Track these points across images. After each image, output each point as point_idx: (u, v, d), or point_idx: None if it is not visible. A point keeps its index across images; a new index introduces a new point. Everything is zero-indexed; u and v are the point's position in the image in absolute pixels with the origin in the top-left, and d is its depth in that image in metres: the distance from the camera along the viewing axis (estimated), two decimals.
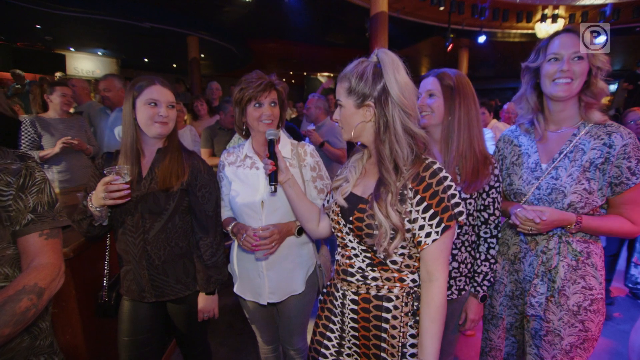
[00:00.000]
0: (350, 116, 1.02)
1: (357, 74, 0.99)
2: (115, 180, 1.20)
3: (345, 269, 1.08)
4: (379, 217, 0.95)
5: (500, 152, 1.43)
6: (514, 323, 1.37)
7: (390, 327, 1.02)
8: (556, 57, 1.18)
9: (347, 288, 1.08)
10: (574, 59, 1.15)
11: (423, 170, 0.96)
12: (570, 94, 1.18)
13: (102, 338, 1.66)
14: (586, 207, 1.17)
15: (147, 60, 13.91)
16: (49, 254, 0.90)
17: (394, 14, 7.81)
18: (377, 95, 0.97)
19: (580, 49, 1.15)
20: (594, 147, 1.16)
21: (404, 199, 0.96)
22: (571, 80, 1.16)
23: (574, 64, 1.15)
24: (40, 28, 9.54)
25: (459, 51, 11.58)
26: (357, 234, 1.02)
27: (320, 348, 1.17)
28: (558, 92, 1.18)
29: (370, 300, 1.03)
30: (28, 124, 2.69)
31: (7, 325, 0.77)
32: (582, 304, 1.18)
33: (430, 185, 0.95)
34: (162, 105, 1.33)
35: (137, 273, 1.36)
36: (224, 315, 2.80)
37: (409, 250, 1.01)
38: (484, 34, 9.59)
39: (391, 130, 0.97)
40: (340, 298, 1.11)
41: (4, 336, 0.78)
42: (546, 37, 1.25)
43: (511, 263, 1.34)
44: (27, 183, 0.90)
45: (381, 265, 1.02)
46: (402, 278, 1.02)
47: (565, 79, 1.17)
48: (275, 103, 1.42)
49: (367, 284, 1.04)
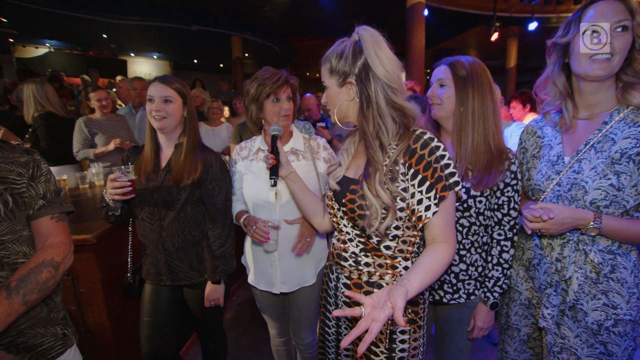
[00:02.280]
0: (335, 96, 1.02)
1: (336, 53, 0.99)
2: (118, 178, 1.30)
3: (340, 253, 1.10)
4: (369, 196, 0.94)
5: (522, 144, 1.28)
6: (531, 334, 1.24)
7: None
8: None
9: (341, 272, 1.10)
10: (617, 29, 0.95)
11: (414, 142, 0.94)
12: (610, 73, 0.99)
13: (126, 318, 1.81)
14: (612, 207, 0.99)
15: (196, 61, 14.79)
16: (60, 234, 1.02)
17: (434, 4, 7.43)
18: (357, 72, 0.96)
19: (623, 17, 0.94)
20: (628, 135, 0.98)
21: (395, 176, 0.94)
22: (611, 56, 0.96)
23: (615, 36, 0.95)
24: (106, 37, 10.65)
25: (508, 40, 10.73)
26: (350, 217, 1.02)
27: (325, 327, 1.22)
28: (595, 71, 0.99)
29: (362, 285, 1.04)
30: (82, 124, 2.99)
31: (33, 292, 0.91)
32: (604, 323, 1.02)
33: (423, 157, 0.92)
34: (156, 100, 1.41)
35: (154, 257, 1.48)
36: (247, 306, 2.90)
37: (403, 232, 0.99)
38: (535, 20, 8.73)
39: (374, 105, 0.95)
40: (334, 281, 1.14)
41: (31, 301, 0.91)
42: (579, 7, 1.05)
43: (526, 269, 1.21)
44: (35, 173, 1.01)
45: (374, 251, 1.01)
46: (394, 265, 1.01)
47: (604, 54, 0.97)
48: (290, 97, 1.45)
49: (359, 269, 1.05)
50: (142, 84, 3.61)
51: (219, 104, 4.23)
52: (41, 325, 1.01)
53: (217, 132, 4.01)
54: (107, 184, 1.32)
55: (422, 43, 6.23)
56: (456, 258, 1.23)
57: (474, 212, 1.19)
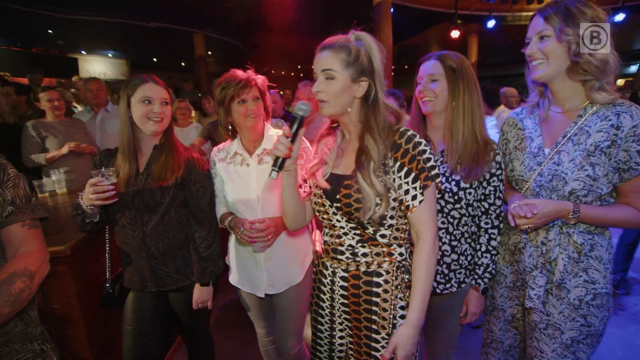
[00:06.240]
0: (344, 89, 1.01)
1: (355, 48, 1.00)
2: (100, 182, 1.23)
3: (335, 247, 1.12)
4: (364, 186, 0.98)
5: (504, 135, 1.34)
6: (515, 314, 1.32)
7: (381, 301, 1.06)
8: (527, 40, 1.14)
9: (337, 266, 1.12)
10: (541, 38, 1.09)
11: (399, 137, 1.01)
12: (551, 74, 1.10)
13: (106, 331, 1.70)
14: (590, 196, 1.08)
15: (155, 59, 14.11)
16: (33, 242, 0.95)
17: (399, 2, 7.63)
18: (369, 71, 1.01)
19: (541, 27, 1.08)
20: (600, 128, 1.05)
21: (387, 169, 1.01)
22: (544, 60, 1.10)
23: (541, 44, 1.09)
24: (52, 33, 9.79)
25: (468, 37, 11.23)
26: (345, 211, 1.04)
27: (316, 325, 1.23)
28: (534, 75, 1.13)
29: (360, 276, 1.08)
30: (30, 127, 2.74)
31: (6, 305, 0.84)
32: (584, 298, 1.11)
33: (408, 151, 1.00)
34: (156, 102, 1.35)
35: (138, 264, 1.41)
36: (230, 309, 2.83)
37: (397, 221, 1.05)
38: (493, 19, 9.24)
39: (380, 103, 1.03)
40: (330, 276, 1.15)
41: (4, 315, 0.85)
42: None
43: (511, 253, 1.28)
44: (2, 178, 0.94)
45: (371, 240, 1.05)
46: (390, 252, 1.06)
47: (537, 60, 1.11)
48: (257, 98, 1.43)
49: (356, 260, 1.08)
50: (98, 84, 3.35)
51: (186, 103, 4.07)
52: (17, 341, 0.94)
53: (185, 133, 3.86)
54: (86, 189, 1.23)
55: (389, 40, 6.32)
56: (448, 249, 1.27)
57: (464, 204, 1.24)
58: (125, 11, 8.79)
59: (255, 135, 1.47)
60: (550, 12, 1.07)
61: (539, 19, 1.10)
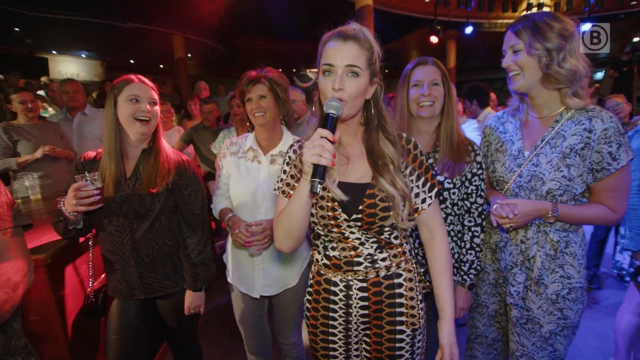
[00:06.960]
0: (363, 91, 0.93)
1: (375, 47, 0.94)
2: (84, 187, 1.18)
3: (350, 260, 1.03)
4: (390, 191, 0.94)
5: (486, 138, 1.41)
6: (497, 310, 1.37)
7: (407, 299, 1.05)
8: (503, 53, 1.21)
9: (352, 278, 1.04)
10: (515, 52, 1.16)
11: (406, 143, 1.03)
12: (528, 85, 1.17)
13: (89, 342, 1.63)
14: (565, 195, 1.14)
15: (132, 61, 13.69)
16: (15, 250, 0.92)
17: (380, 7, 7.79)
18: (378, 72, 0.98)
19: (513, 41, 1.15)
20: (574, 132, 1.12)
21: (403, 172, 1.01)
22: (519, 72, 1.16)
23: (514, 57, 1.16)
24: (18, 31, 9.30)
25: (447, 43, 11.60)
26: (367, 222, 0.97)
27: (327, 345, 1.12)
28: (513, 86, 1.20)
29: (381, 282, 1.04)
30: (1, 131, 2.62)
31: None
32: (561, 292, 1.18)
33: (417, 156, 1.03)
34: (144, 101, 1.30)
35: (125, 272, 1.36)
36: (215, 315, 2.78)
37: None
38: (470, 25, 9.61)
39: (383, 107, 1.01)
40: (343, 291, 1.06)
41: None
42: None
43: (493, 252, 1.34)
44: None
45: (388, 245, 1.04)
46: (403, 251, 1.07)
47: (513, 71, 1.18)
48: (263, 96, 1.42)
49: (375, 267, 1.03)
50: (75, 86, 3.19)
51: (168, 106, 3.98)
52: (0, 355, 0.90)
53: (167, 137, 3.77)
54: (69, 195, 1.18)
55: None
56: None
57: (449, 204, 1.29)
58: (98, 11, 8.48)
59: (266, 134, 1.47)
60: (519, 28, 1.13)
61: (511, 34, 1.17)
